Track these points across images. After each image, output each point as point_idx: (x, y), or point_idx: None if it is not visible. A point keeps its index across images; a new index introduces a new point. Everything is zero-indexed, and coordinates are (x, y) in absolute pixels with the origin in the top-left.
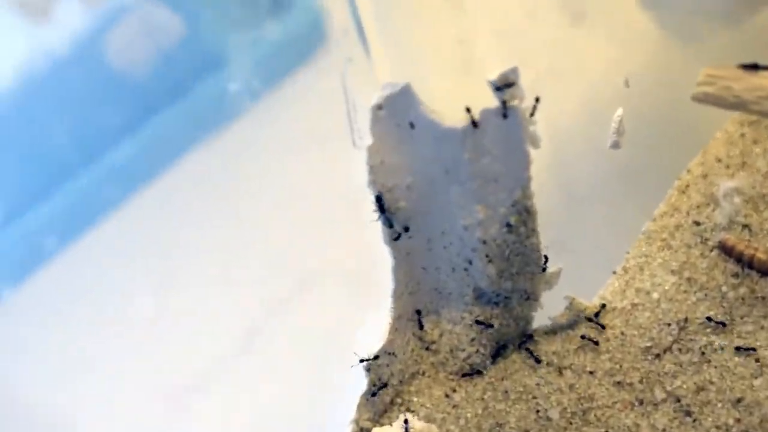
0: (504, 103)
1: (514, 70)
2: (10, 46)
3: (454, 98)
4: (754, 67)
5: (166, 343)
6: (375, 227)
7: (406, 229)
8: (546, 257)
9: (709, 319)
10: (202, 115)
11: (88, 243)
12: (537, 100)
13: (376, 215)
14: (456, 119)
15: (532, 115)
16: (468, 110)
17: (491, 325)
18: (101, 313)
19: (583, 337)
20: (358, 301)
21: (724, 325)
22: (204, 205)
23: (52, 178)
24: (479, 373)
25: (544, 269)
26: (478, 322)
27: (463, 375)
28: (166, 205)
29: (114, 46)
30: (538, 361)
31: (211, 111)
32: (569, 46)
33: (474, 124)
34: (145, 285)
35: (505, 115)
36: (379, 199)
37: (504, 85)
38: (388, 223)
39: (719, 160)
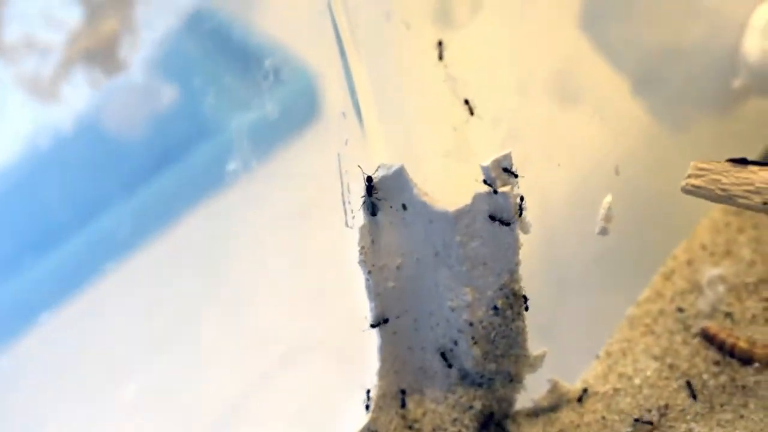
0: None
1: (507, 156)
2: (16, 123)
3: (446, 182)
4: (742, 162)
5: (149, 414)
6: (364, 306)
7: (385, 321)
8: None
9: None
10: (192, 185)
11: (75, 311)
12: (522, 199)
13: (365, 277)
14: (448, 203)
15: (520, 215)
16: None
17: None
18: (85, 381)
19: None
20: (343, 377)
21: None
22: (191, 275)
23: (43, 245)
24: None
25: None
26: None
27: None
28: (152, 275)
29: (112, 116)
30: None
31: (202, 181)
32: (561, 129)
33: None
34: (130, 352)
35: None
36: (369, 180)
37: (496, 171)
38: (371, 209)
39: (704, 248)
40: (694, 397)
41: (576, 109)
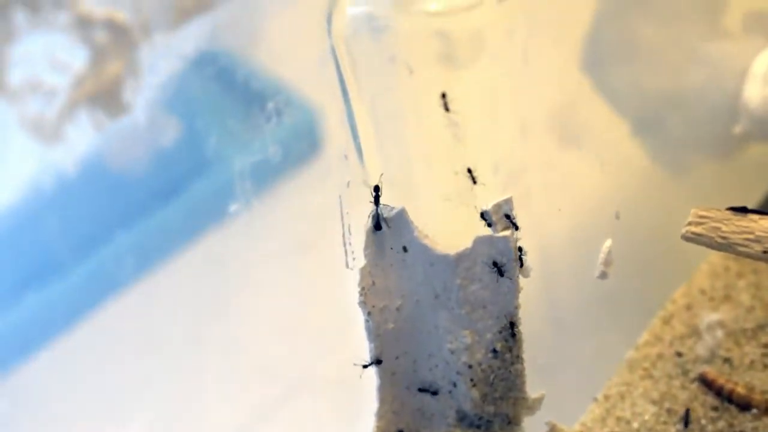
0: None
1: (508, 201)
2: (20, 164)
3: (447, 225)
4: (743, 210)
5: None
6: (363, 345)
7: (379, 362)
8: None
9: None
10: (193, 223)
11: (74, 345)
12: (520, 250)
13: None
14: (448, 246)
15: (521, 264)
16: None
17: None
18: (84, 416)
19: None
20: (342, 415)
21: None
22: (191, 311)
23: (44, 279)
24: None
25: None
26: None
27: None
28: (152, 310)
29: (115, 156)
30: None
31: (203, 219)
32: (562, 173)
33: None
34: (130, 387)
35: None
36: (377, 190)
37: (497, 215)
38: (376, 223)
39: (703, 292)
40: (686, 425)
41: (577, 152)
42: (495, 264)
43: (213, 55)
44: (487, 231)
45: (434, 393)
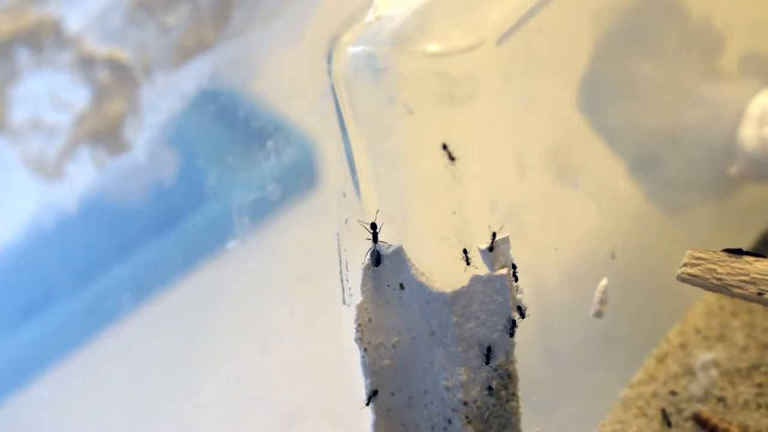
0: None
1: (505, 240)
2: (21, 201)
3: (444, 263)
4: (738, 252)
5: None
6: (359, 380)
7: (375, 393)
8: None
9: None
10: (191, 258)
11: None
12: (514, 266)
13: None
14: (444, 284)
15: (516, 280)
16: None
17: None
18: None
19: None
20: None
21: None
22: (188, 341)
23: (42, 311)
24: None
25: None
26: None
27: None
28: (149, 341)
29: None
30: None
31: (200, 252)
32: (558, 211)
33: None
34: (125, 417)
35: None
36: (374, 227)
37: (494, 255)
38: (376, 260)
39: (698, 331)
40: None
41: (574, 191)
42: (512, 323)
43: (213, 93)
44: (484, 269)
45: None
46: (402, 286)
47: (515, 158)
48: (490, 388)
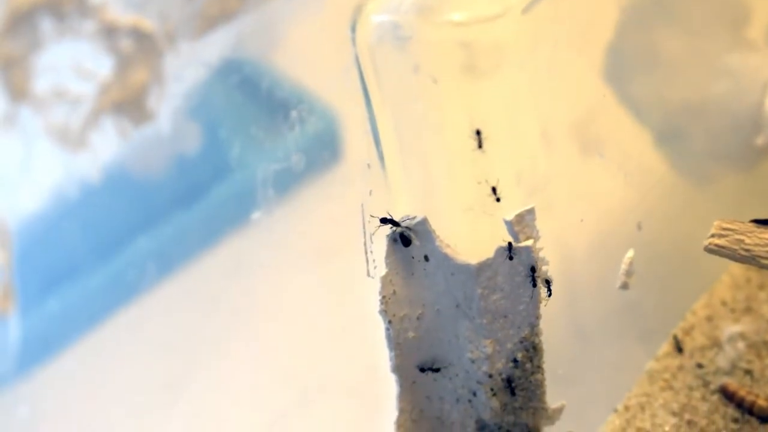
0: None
1: (531, 211)
2: (45, 172)
3: (469, 235)
4: (766, 223)
5: None
6: (383, 353)
7: (423, 370)
8: None
9: None
10: (215, 229)
11: (95, 349)
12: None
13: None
14: (470, 255)
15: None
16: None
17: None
18: (101, 420)
19: None
20: (361, 421)
21: None
22: (211, 316)
23: (65, 285)
24: None
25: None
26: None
27: None
28: (172, 315)
29: (139, 164)
30: None
31: (225, 225)
32: (584, 183)
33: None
34: (147, 391)
35: (511, 257)
36: (387, 221)
37: (519, 225)
38: (404, 240)
39: (724, 304)
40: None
41: (599, 162)
42: (533, 270)
43: (237, 63)
44: (510, 240)
45: (436, 370)
46: (427, 258)
47: (541, 129)
48: (515, 360)
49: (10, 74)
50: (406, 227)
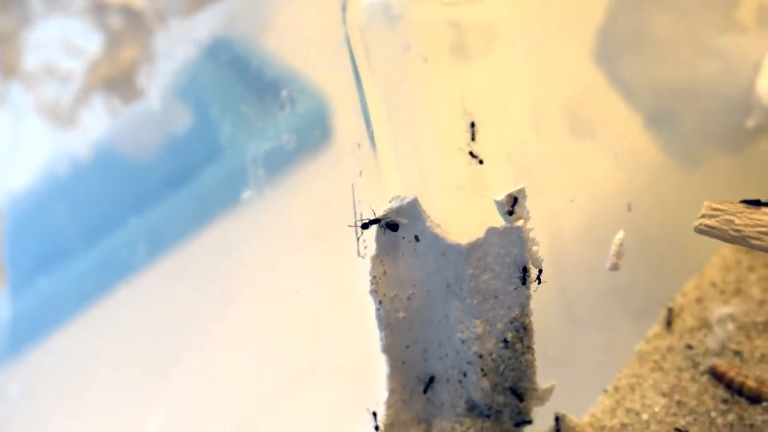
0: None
1: (521, 191)
2: (35, 149)
3: (459, 215)
4: (757, 203)
5: None
6: (374, 333)
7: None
8: None
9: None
10: (205, 209)
11: (84, 330)
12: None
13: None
14: (460, 235)
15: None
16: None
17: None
18: (92, 400)
19: None
20: (352, 402)
21: None
22: (201, 296)
23: (56, 264)
24: None
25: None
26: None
27: None
28: (162, 295)
29: (129, 142)
30: None
31: (215, 205)
32: (575, 164)
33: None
34: (138, 372)
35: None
36: (365, 226)
37: (510, 205)
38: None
39: (714, 285)
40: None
41: (590, 144)
42: (524, 270)
43: (227, 41)
44: (500, 221)
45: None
46: (417, 238)
47: (531, 109)
48: (505, 341)
49: (0, 50)
50: (390, 218)
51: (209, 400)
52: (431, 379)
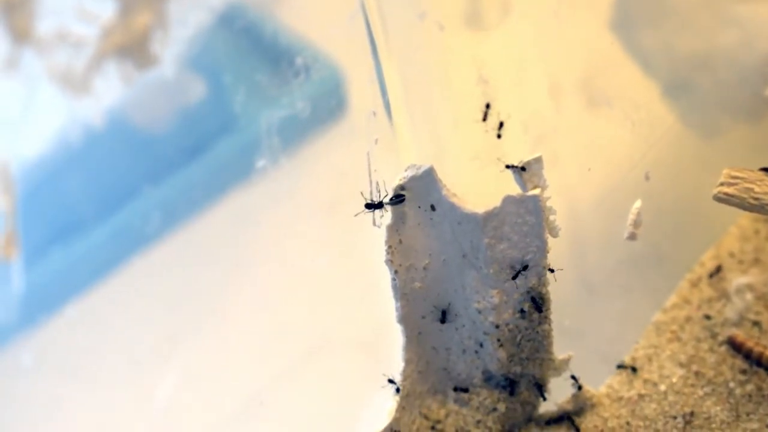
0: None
1: (538, 159)
2: (48, 116)
3: (476, 184)
4: None
5: (171, 406)
6: (389, 304)
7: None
8: None
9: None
10: (220, 179)
11: (99, 302)
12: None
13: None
14: (476, 204)
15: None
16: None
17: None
18: (107, 373)
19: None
20: (368, 374)
21: None
22: (216, 268)
23: (70, 235)
24: None
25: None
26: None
27: None
28: (177, 267)
29: (142, 110)
30: None
31: (230, 175)
32: (592, 133)
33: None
34: (153, 345)
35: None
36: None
37: (527, 174)
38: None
39: (732, 255)
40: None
41: (607, 113)
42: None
43: (241, 8)
44: (516, 190)
45: (464, 390)
46: (433, 207)
47: (547, 78)
48: (522, 311)
49: (13, 16)
50: (392, 198)
51: (223, 371)
52: (444, 313)
